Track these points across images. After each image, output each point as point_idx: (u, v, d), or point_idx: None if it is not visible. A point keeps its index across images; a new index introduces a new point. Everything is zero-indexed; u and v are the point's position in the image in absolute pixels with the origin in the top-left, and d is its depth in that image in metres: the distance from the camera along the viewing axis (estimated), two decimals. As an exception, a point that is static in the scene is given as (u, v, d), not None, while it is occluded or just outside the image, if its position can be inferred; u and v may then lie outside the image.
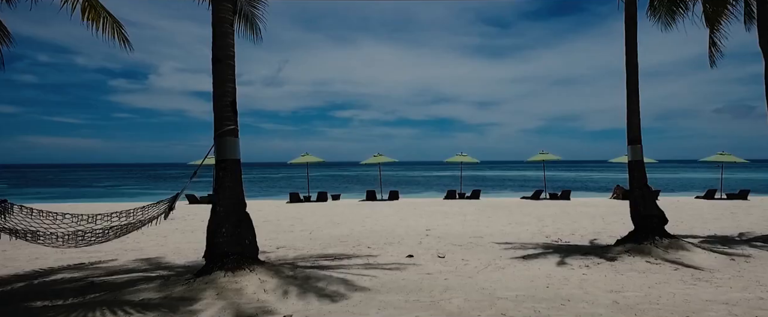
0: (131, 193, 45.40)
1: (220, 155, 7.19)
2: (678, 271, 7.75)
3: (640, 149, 9.82)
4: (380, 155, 26.26)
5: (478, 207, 21.08)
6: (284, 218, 17.34)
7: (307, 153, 26.05)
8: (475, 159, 26.73)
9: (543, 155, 26.19)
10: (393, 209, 20.33)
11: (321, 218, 17.11)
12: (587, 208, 20.55)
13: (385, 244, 10.95)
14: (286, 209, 21.09)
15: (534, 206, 21.82)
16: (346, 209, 20.61)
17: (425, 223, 15.40)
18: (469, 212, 18.91)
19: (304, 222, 15.98)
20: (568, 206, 21.77)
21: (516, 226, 14.59)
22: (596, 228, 13.88)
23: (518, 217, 17.21)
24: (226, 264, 6.55)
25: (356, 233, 13.12)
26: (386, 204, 23.16)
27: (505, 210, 19.77)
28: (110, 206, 25.48)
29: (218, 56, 7.11)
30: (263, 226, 14.90)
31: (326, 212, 19.39)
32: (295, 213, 19.26)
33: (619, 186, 25.76)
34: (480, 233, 12.97)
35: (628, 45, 10.02)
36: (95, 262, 9.16)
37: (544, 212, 18.83)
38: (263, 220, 16.80)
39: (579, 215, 17.80)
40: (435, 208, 20.87)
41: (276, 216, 18.12)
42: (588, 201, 24.43)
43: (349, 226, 14.74)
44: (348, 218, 17.00)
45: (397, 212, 19.37)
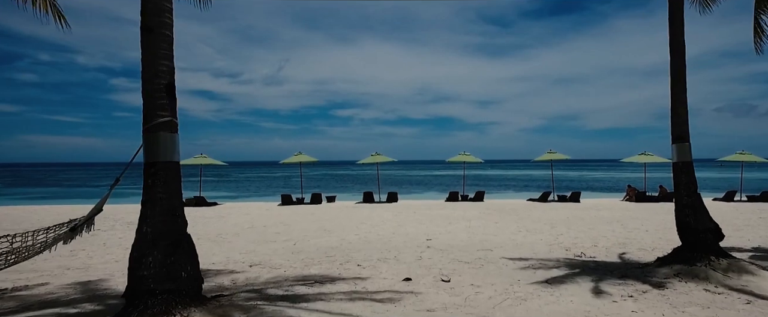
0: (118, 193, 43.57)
1: (150, 155, 5.25)
2: (751, 305, 5.95)
3: (688, 148, 7.97)
4: (378, 154, 24.46)
5: (483, 211, 19.29)
6: (271, 224, 15.55)
7: (300, 152, 24.23)
8: (478, 159, 24.94)
9: (551, 154, 24.37)
10: (391, 213, 18.54)
11: (311, 225, 15.32)
12: (601, 212, 18.75)
13: (378, 261, 9.14)
14: (276, 213, 19.31)
15: (543, 209, 20.02)
16: (340, 213, 18.82)
17: (426, 230, 13.61)
18: (474, 217, 17.12)
19: (291, 229, 14.20)
20: (579, 209, 19.97)
21: (528, 234, 12.79)
22: (619, 238, 12.07)
23: (528, 223, 15.41)
24: (150, 306, 4.72)
25: (347, 244, 11.32)
26: (384, 207, 21.36)
27: (513, 214, 17.97)
28: (84, 208, 23.29)
29: (149, 24, 5.26)
30: (245, 234, 13.10)
31: (318, 217, 17.59)
32: (285, 218, 17.47)
33: (631, 187, 23.95)
34: (488, 243, 11.17)
35: (673, 22, 8.20)
36: (19, 287, 7.36)
37: (556, 217, 17.03)
38: (248, 226, 15.02)
39: (594, 220, 16.00)
40: (436, 212, 19.08)
41: (262, 221, 16.33)
42: (599, 204, 22.62)
43: (341, 234, 12.95)
44: (341, 224, 15.21)
45: (396, 216, 17.58)
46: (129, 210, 19.91)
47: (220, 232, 13.71)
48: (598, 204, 22.20)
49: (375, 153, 24.43)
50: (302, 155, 24.07)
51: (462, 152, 24.85)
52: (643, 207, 20.39)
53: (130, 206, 21.77)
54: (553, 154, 24.41)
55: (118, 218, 17.46)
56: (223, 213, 19.35)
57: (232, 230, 14.18)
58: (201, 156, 23.45)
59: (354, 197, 32.87)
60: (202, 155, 23.54)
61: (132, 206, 21.57)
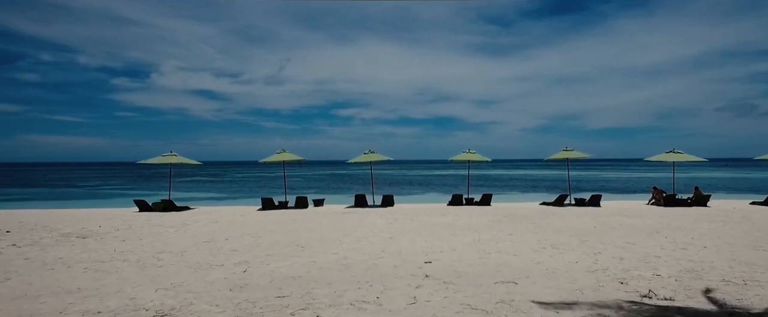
0: (105, 194, 40.67)
1: None
2: None
3: None
4: (371, 151, 21.42)
5: (492, 217, 16.25)
6: (236, 236, 12.54)
7: (282, 150, 21.18)
8: (485, 158, 21.88)
9: (567, 152, 21.30)
10: (384, 221, 15.51)
11: (283, 237, 12.30)
12: (631, 219, 15.71)
13: (350, 306, 6.12)
14: (250, 221, 16.30)
15: (561, 216, 16.96)
16: (323, 221, 15.79)
17: (424, 246, 10.59)
18: (482, 226, 14.09)
19: (255, 245, 11.18)
20: (603, 215, 16.92)
21: (556, 253, 9.76)
22: (680, 261, 9.03)
23: (550, 235, 12.38)
24: None
25: (317, 270, 8.30)
26: (377, 213, 18.32)
27: (528, 222, 14.94)
28: (59, 212, 20.80)
29: None
30: (192, 253, 10.07)
31: (297, 226, 14.57)
32: (257, 227, 14.45)
33: (658, 189, 20.88)
34: (507, 269, 8.15)
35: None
36: None
37: (580, 227, 14.00)
38: (205, 240, 12.00)
39: (629, 231, 12.96)
40: (438, 219, 16.05)
41: (227, 232, 13.32)
42: (624, 208, 19.55)
43: (314, 253, 9.93)
44: (320, 237, 12.20)
45: (389, 225, 14.56)
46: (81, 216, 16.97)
47: (164, 249, 10.70)
48: (623, 209, 19.13)
49: (368, 151, 21.39)
50: (285, 152, 21.03)
51: (467, 150, 21.79)
52: (678, 213, 17.32)
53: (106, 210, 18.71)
54: (569, 152, 21.34)
55: (53, 228, 14.41)
56: (189, 220, 16.35)
57: (181, 245, 11.17)
58: (170, 154, 20.44)
59: (348, 199, 29.92)
60: (171, 152, 20.54)
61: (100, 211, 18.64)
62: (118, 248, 10.83)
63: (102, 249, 10.65)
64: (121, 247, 10.94)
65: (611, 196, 31.89)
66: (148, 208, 19.70)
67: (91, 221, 16.17)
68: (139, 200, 19.85)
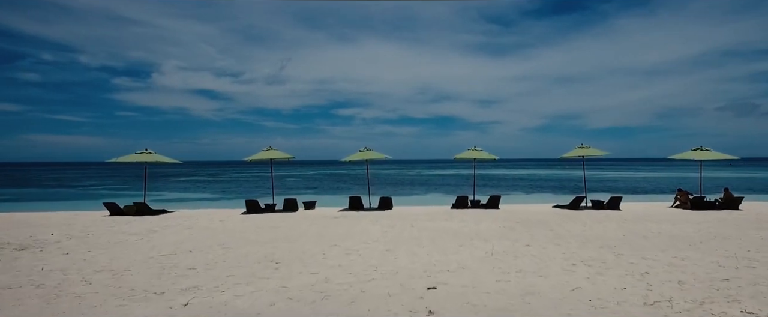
0: (94, 195, 38.61)
1: None
2: None
3: None
4: (368, 149, 19.29)
5: (503, 223, 14.12)
6: (203, 248, 10.44)
7: (270, 148, 19.04)
8: (492, 156, 19.74)
9: (583, 150, 19.14)
10: (380, 228, 13.40)
11: (258, 249, 10.20)
12: (660, 225, 13.58)
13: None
14: (228, 227, 14.19)
15: (580, 220, 14.83)
16: (310, 228, 13.67)
17: (427, 263, 8.48)
18: (493, 234, 11.97)
19: (220, 260, 9.07)
20: (628, 221, 14.79)
21: (593, 274, 7.64)
22: (753, 280, 6.92)
23: (575, 246, 10.26)
24: None
25: (284, 303, 6.19)
26: (373, 218, 16.20)
27: (545, 230, 12.81)
28: (18, 216, 18.68)
29: None
30: (135, 272, 7.90)
31: (278, 235, 12.47)
32: (232, 236, 12.34)
33: (683, 191, 18.72)
34: (539, 303, 6.03)
35: None
36: None
37: (605, 234, 11.87)
38: (162, 253, 9.88)
39: (665, 240, 10.83)
40: (441, 224, 13.93)
41: (195, 242, 11.21)
42: (648, 212, 17.40)
43: (288, 274, 7.83)
44: (301, 250, 10.09)
45: (385, 232, 12.44)
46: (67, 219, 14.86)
47: (105, 267, 8.59)
48: (648, 213, 16.98)
49: (364, 149, 19.27)
50: (273, 150, 18.89)
51: (472, 148, 19.64)
52: (713, 218, 15.17)
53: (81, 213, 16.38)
54: (585, 149, 19.18)
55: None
56: (159, 226, 14.25)
57: (129, 261, 9.06)
58: (145, 152, 18.33)
59: (344, 200, 27.46)
60: (146, 150, 18.42)
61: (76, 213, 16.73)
62: (50, 265, 8.72)
63: (29, 267, 8.54)
64: (54, 264, 8.83)
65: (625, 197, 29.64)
66: (119, 211, 17.60)
67: (47, 227, 14.08)
68: (109, 203, 17.76)
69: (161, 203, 32.11)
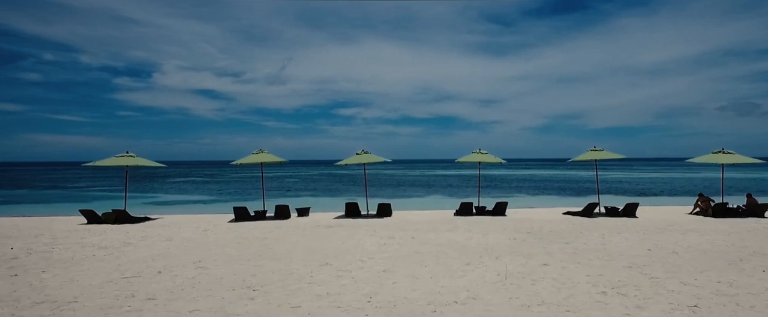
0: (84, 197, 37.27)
1: None
2: None
3: None
4: (365, 152, 17.93)
5: (513, 234, 12.76)
6: (174, 266, 9.10)
7: (260, 150, 17.68)
8: (497, 159, 18.37)
9: (595, 152, 17.76)
10: (377, 241, 12.04)
11: (236, 269, 8.85)
12: (687, 237, 12.22)
13: None
14: (209, 238, 12.85)
15: (597, 231, 13.46)
16: (300, 241, 12.31)
17: (430, 291, 7.12)
18: (504, 248, 10.61)
19: (188, 285, 7.72)
20: (648, 230, 13.44)
21: (631, 307, 6.29)
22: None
23: (598, 263, 8.90)
24: None
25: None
26: (370, 227, 14.86)
27: (560, 242, 11.45)
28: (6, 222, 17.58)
29: None
30: (80, 305, 6.53)
31: (263, 248, 11.11)
32: (211, 250, 11.00)
33: (704, 197, 17.34)
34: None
35: None
36: None
37: (628, 248, 10.50)
38: (125, 275, 8.54)
39: (699, 257, 9.46)
40: (445, 236, 12.58)
41: (169, 259, 9.87)
42: (667, 220, 16.04)
43: (263, 307, 6.48)
44: (285, 271, 8.74)
45: (383, 246, 11.09)
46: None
47: (46, 298, 7.24)
48: (668, 222, 15.62)
49: (362, 151, 17.91)
50: (263, 153, 17.52)
51: (477, 150, 18.27)
52: (743, 228, 13.80)
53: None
54: (597, 152, 17.80)
55: None
56: (136, 238, 12.91)
57: (81, 288, 7.71)
58: (125, 155, 16.97)
59: (342, 203, 25.57)
60: (127, 153, 17.06)
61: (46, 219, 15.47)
62: None
63: None
64: (-7, 290, 7.49)
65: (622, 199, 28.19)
66: (97, 219, 16.26)
67: (11, 238, 12.75)
68: (86, 210, 16.41)
69: (154, 206, 30.77)
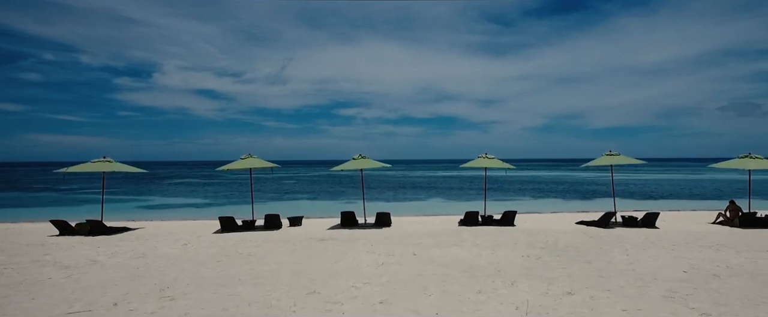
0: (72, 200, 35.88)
1: None
2: None
3: None
4: (362, 156, 16.52)
5: (527, 250, 11.33)
6: (133, 296, 7.69)
7: (249, 155, 16.26)
8: (505, 164, 16.94)
9: (611, 157, 16.34)
10: (373, 259, 10.61)
11: (207, 300, 7.43)
12: (720, 252, 10.81)
13: None
14: (188, 254, 11.44)
15: (620, 246, 12.04)
16: (287, 259, 10.88)
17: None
18: (518, 270, 9.19)
19: None
20: (677, 245, 12.02)
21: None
22: None
23: (634, 295, 7.47)
24: None
25: None
26: (367, 240, 13.44)
27: (581, 261, 10.03)
28: None
29: None
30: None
31: (244, 269, 9.70)
32: (186, 271, 9.58)
33: (736, 205, 15.83)
34: None
35: None
36: None
37: (660, 270, 9.08)
38: (71, 310, 7.13)
39: (745, 282, 8.03)
40: (451, 252, 11.15)
41: (132, 285, 8.46)
42: (691, 231, 14.63)
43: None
44: (265, 302, 7.32)
45: (379, 266, 9.67)
46: None
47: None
48: (693, 233, 14.20)
49: (359, 156, 16.49)
50: (252, 158, 16.10)
51: (483, 155, 16.85)
52: (779, 243, 12.38)
53: None
54: (613, 157, 16.37)
55: None
56: (105, 254, 11.50)
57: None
58: (102, 160, 15.55)
59: (339, 208, 23.55)
60: (104, 158, 15.65)
61: None
62: None
63: None
64: None
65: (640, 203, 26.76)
66: (69, 231, 14.86)
67: (-35, 255, 11.35)
68: (58, 220, 15.00)
69: (144, 210, 29.37)
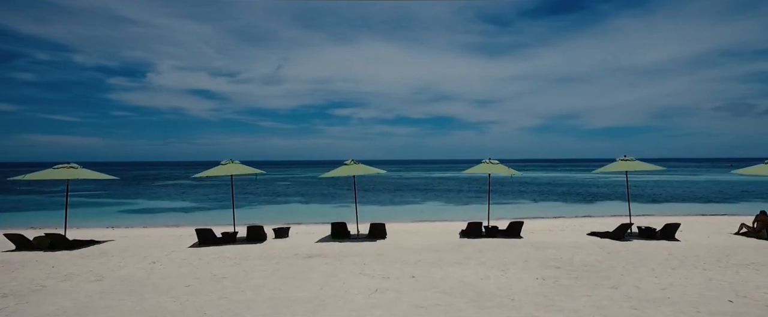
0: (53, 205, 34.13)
1: None
2: None
3: None
4: (354, 162, 14.96)
5: (540, 271, 9.79)
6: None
7: (230, 160, 14.67)
8: (511, 171, 15.44)
9: (626, 163, 14.86)
10: (366, 285, 9.05)
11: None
12: (759, 273, 9.33)
13: None
14: (153, 277, 9.86)
15: (645, 265, 10.53)
16: (266, 283, 9.30)
17: None
18: (534, 298, 7.65)
19: None
20: (708, 264, 10.52)
21: None
22: None
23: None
24: None
25: None
26: (360, 259, 11.88)
27: (606, 286, 8.51)
28: None
29: None
30: None
31: (211, 298, 8.11)
32: (145, 297, 7.98)
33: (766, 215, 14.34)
34: None
35: None
36: None
37: (700, 297, 7.57)
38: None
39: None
40: (454, 273, 9.61)
41: (88, 310, 6.90)
42: (716, 244, 13.17)
43: None
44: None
45: (373, 298, 8.08)
46: None
47: None
48: (720, 248, 12.73)
49: (351, 161, 14.95)
50: (234, 163, 14.51)
51: (487, 160, 15.33)
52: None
53: None
54: (628, 163, 14.90)
55: None
56: (58, 277, 9.90)
57: None
58: (66, 166, 13.90)
59: (333, 213, 22.25)
60: (69, 164, 14.01)
61: None
62: None
63: None
64: None
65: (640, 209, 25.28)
66: (27, 245, 13.25)
67: None
68: (14, 234, 13.37)
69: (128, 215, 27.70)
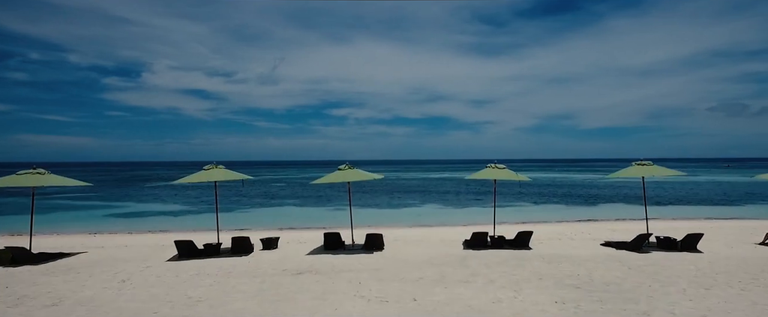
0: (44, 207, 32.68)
1: None
2: None
3: None
4: (349, 166, 13.75)
5: (558, 292, 8.59)
6: None
7: (214, 165, 13.42)
8: (518, 176, 14.26)
9: (642, 167, 13.73)
10: (362, 310, 7.82)
11: None
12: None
13: None
14: (121, 297, 8.60)
15: (671, 282, 9.36)
16: (246, 306, 8.03)
17: None
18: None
19: None
20: (742, 282, 9.37)
21: None
22: None
23: None
24: None
25: None
26: (354, 276, 10.66)
27: (637, 313, 7.35)
28: None
29: None
30: None
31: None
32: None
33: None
34: None
35: None
36: None
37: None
38: None
39: None
40: (461, 297, 8.38)
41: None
42: (745, 258, 12.06)
43: None
44: None
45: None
46: None
47: None
48: (748, 261, 11.60)
49: (345, 166, 13.73)
50: (217, 168, 13.25)
51: (491, 165, 14.14)
52: None
53: None
54: (644, 166, 13.75)
55: None
56: (8, 301, 8.65)
57: None
58: (32, 172, 12.65)
59: (329, 216, 21.49)
60: (35, 170, 12.76)
61: None
62: None
63: None
64: None
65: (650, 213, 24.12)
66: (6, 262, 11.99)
67: None
68: (-13, 249, 12.11)
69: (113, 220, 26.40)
